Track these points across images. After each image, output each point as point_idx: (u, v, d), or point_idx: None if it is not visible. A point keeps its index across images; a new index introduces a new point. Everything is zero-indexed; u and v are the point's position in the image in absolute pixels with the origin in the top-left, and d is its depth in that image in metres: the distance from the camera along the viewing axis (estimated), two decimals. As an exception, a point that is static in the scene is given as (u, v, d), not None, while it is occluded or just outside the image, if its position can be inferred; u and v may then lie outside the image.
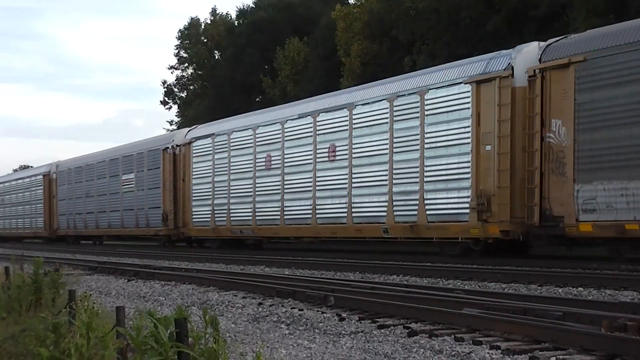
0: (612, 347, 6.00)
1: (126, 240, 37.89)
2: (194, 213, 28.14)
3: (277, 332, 7.92)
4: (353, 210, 20.65)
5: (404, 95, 19.30)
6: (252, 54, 49.28)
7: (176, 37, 60.75)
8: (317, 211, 22.06)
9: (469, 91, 17.39)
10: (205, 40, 59.02)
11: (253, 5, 53.96)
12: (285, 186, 23.59)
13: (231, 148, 26.47)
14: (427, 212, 18.32)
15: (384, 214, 19.55)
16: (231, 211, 26.14)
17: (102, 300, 10.59)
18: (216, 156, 27.25)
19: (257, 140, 25.12)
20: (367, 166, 20.27)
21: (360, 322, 8.25)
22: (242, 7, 54.80)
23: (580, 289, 11.23)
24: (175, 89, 61.69)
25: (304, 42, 45.12)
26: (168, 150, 30.07)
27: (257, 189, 24.92)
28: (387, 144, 19.60)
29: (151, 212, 31.20)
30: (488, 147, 16.89)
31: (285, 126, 23.84)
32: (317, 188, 22.14)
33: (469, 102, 17.36)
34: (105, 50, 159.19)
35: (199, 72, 59.44)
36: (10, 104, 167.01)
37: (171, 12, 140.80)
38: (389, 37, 35.98)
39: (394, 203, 19.26)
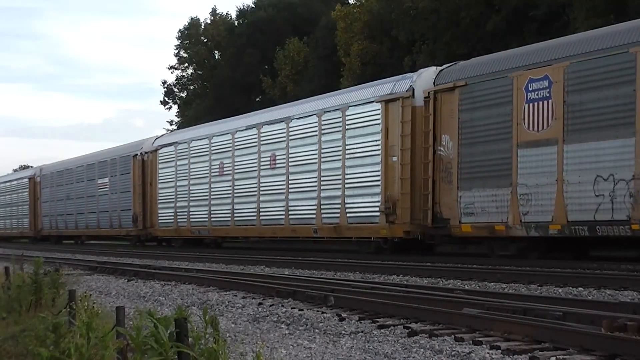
0: (612, 347, 6.00)
1: (104, 240, 40.20)
2: (159, 215, 30.67)
3: (277, 332, 7.92)
4: (290, 212, 23.14)
5: (330, 111, 21.79)
6: (252, 54, 49.28)
7: (176, 37, 60.78)
8: (261, 214, 24.60)
9: (379, 109, 19.85)
10: (205, 40, 59.00)
11: (253, 5, 53.96)
12: (236, 191, 26.03)
13: (191, 155, 28.97)
14: (347, 215, 20.85)
15: (314, 216, 22.05)
16: (191, 213, 28.64)
17: (102, 300, 10.59)
18: (178, 163, 29.71)
19: (213, 148, 27.65)
20: (301, 173, 22.77)
21: (360, 322, 8.24)
22: (242, 7, 54.85)
23: (580, 289, 11.23)
24: (175, 89, 61.68)
25: (304, 42, 45.12)
26: (137, 156, 32.47)
27: (212, 194, 27.41)
28: (316, 154, 22.11)
29: (123, 214, 33.60)
30: (394, 158, 19.39)
31: (235, 136, 26.37)
32: (261, 193, 24.62)
33: (379, 119, 19.85)
34: (105, 50, 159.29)
35: (199, 72, 59.43)
36: (10, 103, 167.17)
37: (171, 12, 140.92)
38: (389, 37, 35.99)
39: (322, 206, 21.79)
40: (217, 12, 60.25)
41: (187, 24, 60.30)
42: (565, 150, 15.55)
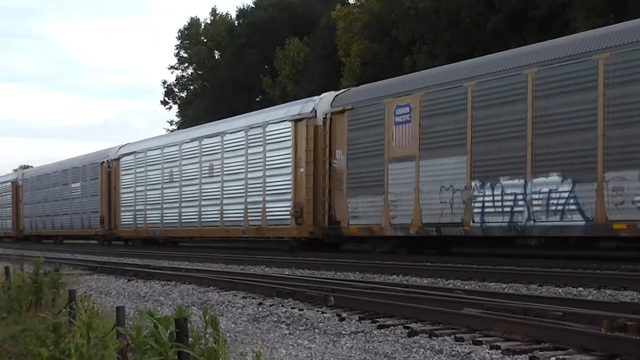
0: (612, 347, 6.00)
1: (77, 239, 43.59)
2: (122, 217, 34.19)
3: (277, 332, 7.92)
4: (224, 216, 26.48)
5: (254, 127, 25.18)
6: (252, 54, 49.25)
7: (176, 37, 60.78)
8: (202, 216, 28.01)
9: (290, 127, 23.25)
10: (205, 40, 58.98)
11: (253, 5, 53.91)
12: (183, 196, 29.44)
13: (147, 164, 32.27)
14: (267, 218, 24.18)
15: (242, 218, 25.38)
16: (147, 216, 32.04)
17: (102, 300, 10.59)
18: (137, 170, 33.11)
19: (164, 158, 31.05)
20: (233, 181, 26.04)
21: (360, 322, 8.24)
22: (242, 7, 54.77)
23: (580, 289, 11.22)
24: (175, 89, 61.66)
25: (304, 42, 45.09)
26: (104, 164, 36.02)
27: (164, 199, 30.77)
28: (244, 164, 25.45)
29: (92, 216, 37.08)
30: (302, 169, 22.70)
31: (182, 147, 29.77)
32: (202, 198, 28.01)
33: (290, 136, 23.22)
34: (105, 50, 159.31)
35: (199, 72, 59.41)
36: (11, 104, 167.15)
37: (171, 12, 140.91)
38: (389, 37, 35.96)
39: (248, 211, 25.08)
40: (217, 12, 60.28)
41: (187, 24, 60.31)
42: (421, 165, 18.85)
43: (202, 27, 59.95)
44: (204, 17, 79.01)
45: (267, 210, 24.13)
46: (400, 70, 31.63)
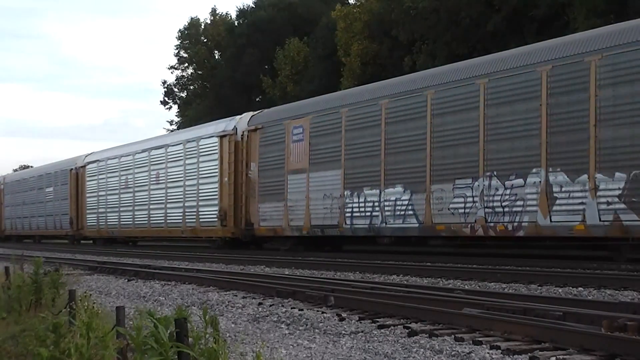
0: (612, 347, 6.00)
1: (51, 239, 46.13)
2: (87, 219, 38.00)
3: (277, 332, 7.92)
4: (167, 218, 30.21)
5: (191, 141, 28.84)
6: (252, 54, 49.25)
7: (176, 37, 60.83)
8: (151, 219, 31.68)
9: (217, 142, 26.89)
10: (205, 40, 59.00)
11: (253, 5, 53.93)
12: (136, 201, 33.01)
13: (107, 171, 35.92)
14: (200, 220, 27.82)
15: (181, 220, 29.10)
16: (107, 218, 35.73)
17: (102, 300, 10.59)
18: (99, 177, 36.85)
19: (121, 167, 34.64)
20: (174, 188, 29.73)
21: (360, 322, 8.24)
22: (242, 7, 54.82)
23: (580, 289, 11.22)
24: (175, 89, 61.68)
25: (304, 42, 45.09)
26: (73, 170, 39.62)
27: (121, 203, 34.43)
28: (182, 173, 29.11)
29: (63, 218, 40.63)
30: (226, 179, 26.23)
31: (135, 157, 33.34)
32: (151, 202, 31.65)
33: (217, 149, 26.85)
34: (105, 50, 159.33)
35: (199, 72, 59.42)
36: (11, 104, 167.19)
37: (171, 12, 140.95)
38: (389, 37, 35.97)
39: (186, 214, 28.75)
40: (217, 12, 60.32)
41: (187, 24, 60.37)
42: (310, 177, 22.58)
43: (202, 27, 59.98)
44: (204, 17, 79.04)
45: (200, 213, 27.78)
46: (400, 70, 31.64)
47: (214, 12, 60.03)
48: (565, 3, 27.82)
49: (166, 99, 62.00)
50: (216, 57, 58.32)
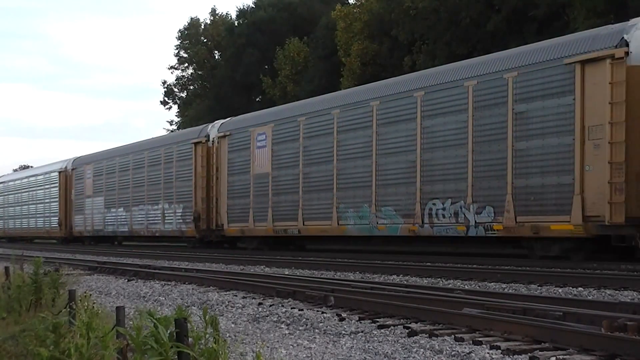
0: (612, 347, 6.00)
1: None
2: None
3: (277, 332, 7.91)
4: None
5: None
6: (252, 54, 49.24)
7: (176, 37, 60.83)
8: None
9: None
10: (205, 40, 58.98)
11: (253, 5, 53.91)
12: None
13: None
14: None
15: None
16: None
17: (102, 300, 10.60)
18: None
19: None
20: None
21: (360, 322, 8.24)
22: (242, 7, 54.81)
23: (580, 289, 11.22)
24: (175, 89, 61.67)
25: (304, 42, 45.09)
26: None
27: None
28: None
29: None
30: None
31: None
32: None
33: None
34: (106, 50, 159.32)
35: (199, 72, 59.42)
36: (11, 104, 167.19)
37: (171, 12, 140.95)
38: (389, 37, 35.97)
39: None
40: (217, 12, 60.32)
41: (187, 24, 60.37)
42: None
43: (202, 27, 59.96)
44: (204, 17, 79.07)
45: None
46: (401, 70, 31.63)
47: (213, 12, 60.05)
48: (565, 3, 27.82)
49: (166, 99, 62.01)
50: (216, 57, 58.31)
